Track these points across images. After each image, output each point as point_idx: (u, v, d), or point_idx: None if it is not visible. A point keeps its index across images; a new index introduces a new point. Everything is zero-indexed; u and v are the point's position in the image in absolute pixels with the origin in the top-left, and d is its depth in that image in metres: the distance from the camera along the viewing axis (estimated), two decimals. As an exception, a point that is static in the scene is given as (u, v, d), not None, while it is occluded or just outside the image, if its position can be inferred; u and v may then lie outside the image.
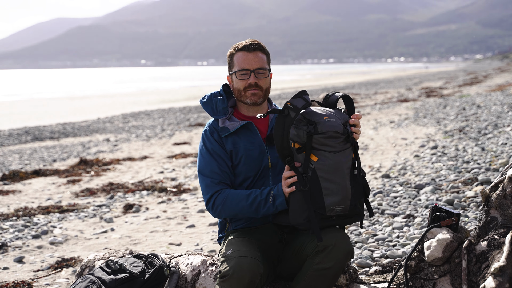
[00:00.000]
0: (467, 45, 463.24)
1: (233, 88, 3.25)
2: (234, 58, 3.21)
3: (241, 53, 3.19)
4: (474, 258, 2.88)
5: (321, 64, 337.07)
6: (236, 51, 3.22)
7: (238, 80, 3.18)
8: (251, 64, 3.17)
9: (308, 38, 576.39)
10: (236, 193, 3.07)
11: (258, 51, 3.20)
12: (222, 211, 3.09)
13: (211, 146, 3.19)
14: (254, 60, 3.17)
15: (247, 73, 3.16)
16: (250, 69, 3.16)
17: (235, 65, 3.20)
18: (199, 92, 44.41)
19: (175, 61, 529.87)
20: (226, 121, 3.22)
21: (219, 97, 3.27)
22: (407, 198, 6.21)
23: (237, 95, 3.23)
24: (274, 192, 2.99)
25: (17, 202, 8.02)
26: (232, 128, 3.18)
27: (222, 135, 3.20)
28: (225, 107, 3.25)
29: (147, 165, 10.75)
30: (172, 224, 6.38)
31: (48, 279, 4.66)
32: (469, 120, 12.58)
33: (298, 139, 2.87)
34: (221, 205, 3.07)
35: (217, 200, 3.09)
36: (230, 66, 3.25)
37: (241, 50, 3.20)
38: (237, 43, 3.25)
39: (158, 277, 3.39)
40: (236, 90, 3.22)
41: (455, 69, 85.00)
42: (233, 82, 3.23)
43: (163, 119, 21.26)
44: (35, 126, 20.31)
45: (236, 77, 3.19)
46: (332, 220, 2.93)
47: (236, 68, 3.19)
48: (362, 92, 31.96)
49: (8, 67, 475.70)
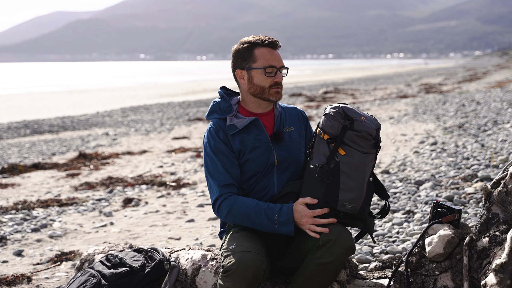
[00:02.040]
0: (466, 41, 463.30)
1: (251, 84, 3.13)
2: (255, 52, 3.09)
3: (266, 49, 3.10)
4: (476, 254, 2.88)
5: (320, 60, 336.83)
6: (259, 45, 3.10)
7: (264, 77, 3.09)
8: (277, 61, 3.10)
9: (307, 33, 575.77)
10: (243, 204, 3.01)
11: (278, 49, 3.16)
12: (228, 217, 3.05)
13: (216, 145, 3.12)
14: (278, 58, 3.12)
15: (274, 70, 3.09)
16: (277, 66, 3.10)
17: (259, 60, 3.08)
18: (198, 86, 44.40)
19: (174, 56, 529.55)
20: (233, 119, 3.16)
21: (220, 99, 3.24)
22: (407, 194, 6.21)
23: (257, 92, 3.12)
24: (282, 219, 2.94)
25: (16, 196, 8.01)
26: (240, 125, 3.12)
27: (230, 133, 3.13)
28: (229, 105, 3.21)
29: (146, 159, 10.74)
30: (172, 218, 6.38)
31: (47, 272, 4.65)
32: (469, 116, 12.58)
33: (331, 130, 2.91)
34: (226, 212, 3.03)
35: (222, 205, 3.04)
36: (247, 61, 3.11)
37: (266, 45, 3.10)
38: (252, 37, 3.14)
39: (158, 271, 3.39)
40: (258, 87, 3.11)
41: (454, 65, 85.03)
42: (254, 78, 3.11)
43: (162, 114, 21.24)
44: (34, 120, 20.28)
45: (264, 74, 3.08)
46: (340, 217, 2.94)
47: (262, 64, 3.08)
48: (361, 87, 31.96)
49: (6, 60, 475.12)
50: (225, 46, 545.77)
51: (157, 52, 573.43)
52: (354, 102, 21.41)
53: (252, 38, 3.13)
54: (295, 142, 3.23)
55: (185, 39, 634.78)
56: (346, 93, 27.26)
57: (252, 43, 3.11)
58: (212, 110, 3.23)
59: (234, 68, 3.19)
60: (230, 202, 3.02)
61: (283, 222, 2.94)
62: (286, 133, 3.22)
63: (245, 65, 3.13)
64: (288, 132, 3.23)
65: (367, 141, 2.90)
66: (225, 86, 3.34)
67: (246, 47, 3.11)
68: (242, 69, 3.14)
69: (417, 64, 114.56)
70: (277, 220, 2.94)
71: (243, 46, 3.13)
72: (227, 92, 3.31)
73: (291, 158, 3.19)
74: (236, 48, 3.16)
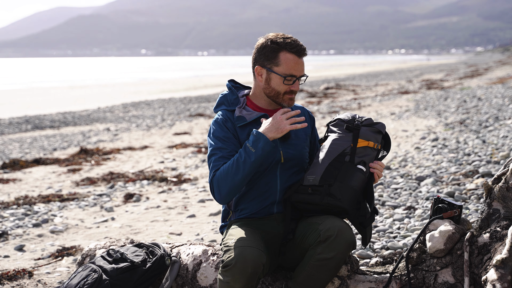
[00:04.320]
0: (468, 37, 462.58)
1: (269, 86, 3.12)
2: (280, 56, 3.05)
3: (292, 56, 3.05)
4: (476, 250, 2.88)
5: (322, 56, 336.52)
6: (285, 50, 3.05)
7: (282, 84, 3.08)
8: (299, 71, 3.08)
9: (309, 29, 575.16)
10: (223, 168, 3.00)
11: (304, 57, 3.12)
12: (222, 191, 3.00)
13: (223, 134, 3.11)
14: (302, 67, 3.09)
15: (293, 79, 3.08)
16: (297, 76, 3.08)
17: (282, 65, 3.05)
18: (200, 82, 44.36)
19: (176, 51, 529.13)
20: (242, 111, 3.17)
21: (228, 91, 3.27)
22: (408, 190, 6.21)
23: (272, 95, 3.12)
24: (250, 143, 2.96)
25: (17, 191, 8.02)
26: (250, 118, 3.13)
27: (238, 125, 3.14)
28: (236, 98, 3.23)
29: (147, 155, 10.74)
30: (173, 214, 6.38)
31: (48, 267, 4.66)
32: (470, 112, 12.57)
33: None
34: (217, 186, 3.01)
35: (214, 185, 3.03)
36: (270, 60, 3.07)
37: (293, 52, 3.05)
38: (281, 36, 3.08)
39: (159, 266, 3.39)
40: (274, 91, 3.11)
41: (456, 61, 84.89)
42: (272, 80, 3.10)
43: (164, 109, 21.24)
44: (35, 115, 20.28)
45: (283, 81, 3.06)
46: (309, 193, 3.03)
47: (283, 70, 3.05)
48: (362, 83, 31.92)
49: (8, 56, 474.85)
50: (227, 41, 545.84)
51: (158, 47, 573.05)
52: (355, 98, 21.39)
53: (282, 40, 3.06)
54: (301, 141, 3.25)
55: (187, 35, 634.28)
56: (348, 89, 27.23)
57: (280, 45, 3.05)
58: (220, 102, 3.25)
59: (255, 63, 3.15)
60: (216, 176, 3.01)
61: (254, 141, 2.95)
62: (292, 131, 3.22)
63: (266, 65, 3.10)
64: (295, 131, 3.23)
65: (340, 127, 3.17)
66: (233, 79, 3.35)
67: (273, 48, 3.07)
68: (263, 67, 3.12)
69: (418, 60, 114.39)
70: (250, 145, 2.95)
71: (270, 45, 3.08)
72: (235, 85, 3.33)
73: (296, 156, 3.19)
74: (262, 43, 3.11)
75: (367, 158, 3.07)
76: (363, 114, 14.79)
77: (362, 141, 3.09)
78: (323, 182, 2.99)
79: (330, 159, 3.06)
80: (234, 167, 2.96)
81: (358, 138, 3.09)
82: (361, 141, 3.09)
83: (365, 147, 3.09)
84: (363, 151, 3.08)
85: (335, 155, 3.07)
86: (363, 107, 17.02)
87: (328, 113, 15.89)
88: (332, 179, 3.00)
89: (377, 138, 3.13)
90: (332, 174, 3.01)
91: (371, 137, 3.11)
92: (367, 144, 3.09)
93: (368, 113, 15.10)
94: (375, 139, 3.12)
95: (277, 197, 3.16)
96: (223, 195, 3.00)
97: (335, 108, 17.10)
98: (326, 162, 3.05)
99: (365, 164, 3.05)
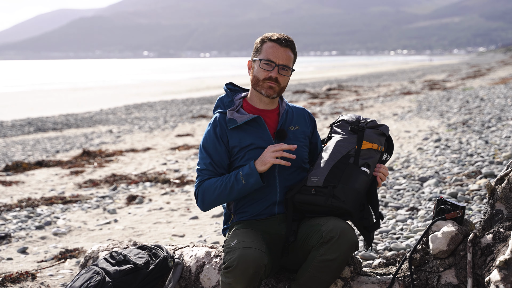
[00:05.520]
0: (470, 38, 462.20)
1: (252, 74, 3.22)
2: (263, 46, 3.17)
3: (272, 44, 3.16)
4: (479, 251, 2.88)
5: (324, 57, 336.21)
6: (268, 40, 3.18)
7: (260, 69, 3.16)
8: (278, 58, 3.14)
9: (311, 30, 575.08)
10: (211, 182, 3.13)
11: (288, 49, 3.17)
12: (205, 203, 3.17)
13: (211, 144, 3.20)
14: (282, 55, 3.15)
15: (271, 65, 3.14)
16: (276, 62, 3.14)
17: (262, 53, 3.16)
18: (202, 84, 44.39)
19: (178, 53, 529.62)
20: (234, 113, 3.21)
21: (223, 94, 3.35)
22: (411, 190, 6.20)
23: (253, 83, 3.21)
24: (243, 173, 3.06)
25: (20, 193, 8.03)
26: (241, 120, 3.17)
27: (229, 127, 3.18)
28: (231, 100, 3.29)
29: (150, 157, 10.75)
30: (175, 215, 6.38)
31: (52, 269, 4.66)
32: (473, 113, 12.55)
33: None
34: (202, 197, 3.16)
35: (199, 194, 3.18)
36: (257, 52, 3.20)
37: (273, 41, 3.16)
38: (271, 33, 3.22)
39: (162, 268, 3.40)
40: (255, 78, 3.19)
41: (458, 61, 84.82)
42: (254, 69, 3.20)
43: (166, 111, 21.25)
44: (38, 117, 20.31)
45: (259, 66, 3.15)
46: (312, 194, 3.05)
47: (262, 56, 3.16)
48: (365, 84, 31.91)
49: (10, 58, 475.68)
50: (229, 43, 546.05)
51: (160, 49, 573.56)
52: (357, 99, 21.37)
53: (270, 35, 3.21)
54: (299, 141, 3.25)
55: (189, 36, 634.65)
56: (350, 90, 27.23)
57: (265, 37, 3.21)
58: (216, 104, 3.35)
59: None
60: (202, 188, 3.17)
61: (247, 174, 3.05)
62: (290, 131, 3.23)
63: (254, 57, 3.24)
64: (293, 131, 3.24)
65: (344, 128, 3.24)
66: (232, 82, 3.41)
67: (260, 40, 3.22)
68: (252, 61, 3.25)
69: (421, 61, 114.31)
70: (242, 175, 3.05)
71: (259, 41, 3.23)
72: (232, 88, 3.37)
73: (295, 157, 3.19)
74: (256, 42, 3.28)
75: (371, 161, 3.09)
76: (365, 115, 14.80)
77: (366, 143, 3.12)
78: (327, 184, 3.02)
79: (334, 161, 3.08)
80: (221, 188, 3.09)
81: (363, 140, 3.12)
82: (365, 143, 3.12)
83: (369, 149, 3.12)
84: (367, 153, 3.12)
85: (339, 156, 3.09)
86: (365, 108, 17.01)
87: (331, 114, 15.89)
88: (336, 180, 3.02)
89: (381, 140, 3.17)
90: (336, 176, 3.03)
91: (375, 139, 3.15)
92: (371, 146, 3.12)
93: (371, 114, 15.08)
94: (379, 141, 3.16)
95: (277, 197, 3.17)
96: (205, 205, 3.19)
97: (337, 109, 17.09)
98: (330, 164, 3.07)
99: (369, 166, 3.07)
